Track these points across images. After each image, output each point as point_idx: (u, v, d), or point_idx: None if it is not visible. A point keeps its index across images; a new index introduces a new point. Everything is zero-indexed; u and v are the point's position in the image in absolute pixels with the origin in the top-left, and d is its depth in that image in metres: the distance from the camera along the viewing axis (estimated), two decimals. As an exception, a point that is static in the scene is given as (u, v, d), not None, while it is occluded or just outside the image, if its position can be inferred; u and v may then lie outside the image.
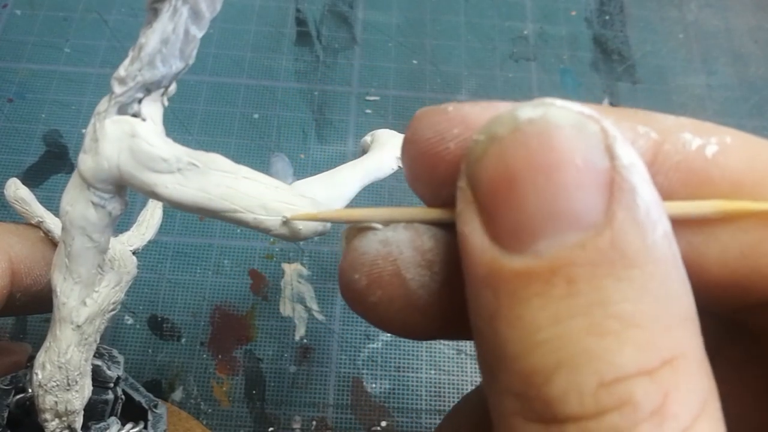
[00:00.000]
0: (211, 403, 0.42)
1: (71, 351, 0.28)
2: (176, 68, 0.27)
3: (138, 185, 0.25)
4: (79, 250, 0.27)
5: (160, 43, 0.26)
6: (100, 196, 0.26)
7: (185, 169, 0.25)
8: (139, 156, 0.25)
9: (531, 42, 0.60)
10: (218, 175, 0.26)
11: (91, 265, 0.27)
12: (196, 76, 0.56)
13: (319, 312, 0.46)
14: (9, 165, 0.50)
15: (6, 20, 0.58)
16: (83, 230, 0.27)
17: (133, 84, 0.26)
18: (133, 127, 0.26)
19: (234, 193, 0.26)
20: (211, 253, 0.47)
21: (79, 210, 0.27)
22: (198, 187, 0.26)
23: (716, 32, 0.63)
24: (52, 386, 0.28)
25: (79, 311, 0.28)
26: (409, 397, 0.43)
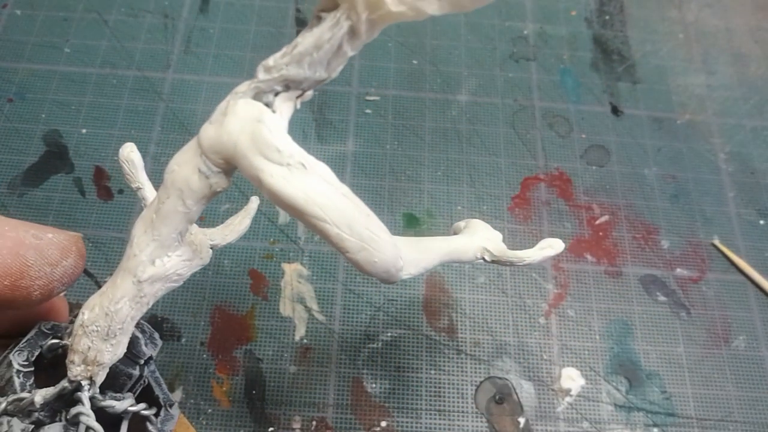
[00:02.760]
0: (211, 403, 0.42)
1: (123, 302, 0.28)
2: (319, 76, 0.28)
3: (247, 167, 0.27)
4: (170, 210, 0.28)
5: (313, 47, 0.27)
6: (208, 167, 0.28)
7: (294, 166, 0.27)
8: (258, 140, 0.27)
9: (531, 42, 0.60)
10: (321, 182, 0.27)
11: (174, 229, 0.28)
12: (196, 76, 0.56)
13: (319, 312, 0.46)
14: (9, 165, 0.50)
15: (6, 20, 0.58)
16: (181, 193, 0.28)
17: (276, 75, 0.27)
18: (261, 113, 0.27)
19: (328, 204, 0.27)
20: (211, 253, 0.47)
21: (185, 173, 0.28)
22: (299, 186, 0.27)
23: (716, 32, 0.63)
24: (92, 330, 0.28)
25: (146, 268, 0.28)
26: (409, 397, 0.43)
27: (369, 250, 0.29)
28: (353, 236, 0.28)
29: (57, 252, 0.28)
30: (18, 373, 0.28)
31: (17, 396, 0.27)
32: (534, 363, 0.45)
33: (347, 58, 0.27)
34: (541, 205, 0.52)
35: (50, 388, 0.28)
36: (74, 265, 0.29)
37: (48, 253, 0.28)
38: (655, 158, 0.55)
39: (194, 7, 0.60)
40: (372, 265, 0.29)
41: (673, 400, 0.45)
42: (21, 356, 0.29)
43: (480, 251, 0.36)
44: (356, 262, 0.28)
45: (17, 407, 0.27)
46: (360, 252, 0.28)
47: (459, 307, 0.47)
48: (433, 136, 0.54)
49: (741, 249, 0.51)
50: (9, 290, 0.27)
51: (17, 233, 0.27)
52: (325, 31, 0.27)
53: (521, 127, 0.55)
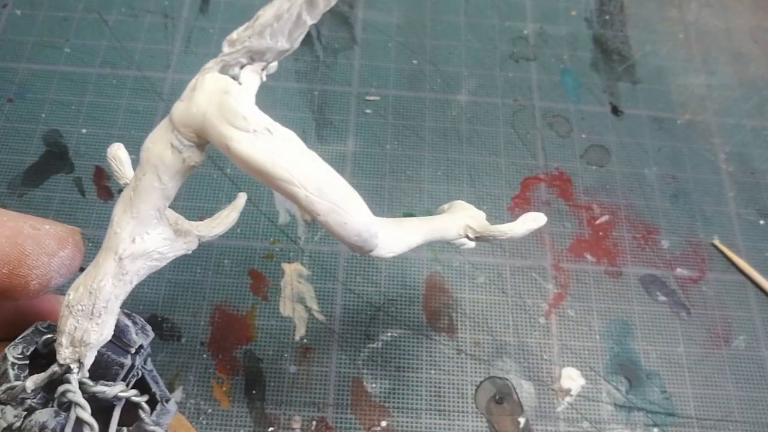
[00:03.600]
0: (211, 403, 0.42)
1: (106, 280, 0.29)
2: (281, 46, 0.29)
3: (216, 137, 0.27)
4: (146, 187, 0.28)
5: (273, 18, 0.28)
6: (180, 141, 0.28)
7: (260, 132, 0.27)
8: (225, 110, 0.27)
9: (531, 42, 0.60)
10: (287, 147, 0.28)
11: (152, 205, 0.29)
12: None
13: (319, 312, 0.46)
14: (9, 165, 0.50)
15: (6, 20, 0.58)
16: (156, 169, 0.28)
17: (240, 48, 0.28)
18: (227, 84, 0.28)
19: (296, 167, 0.28)
20: (211, 253, 0.47)
21: (159, 149, 0.28)
22: (266, 150, 0.27)
23: (716, 32, 0.63)
24: (78, 310, 0.29)
25: (126, 245, 0.29)
26: (409, 397, 0.43)
27: (339, 211, 0.29)
28: (322, 198, 0.28)
29: (54, 242, 0.29)
30: (13, 365, 0.28)
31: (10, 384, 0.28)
32: (534, 363, 0.45)
33: (307, 27, 0.28)
34: (541, 205, 0.52)
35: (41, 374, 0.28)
36: (71, 256, 0.29)
37: (45, 243, 0.28)
38: (655, 158, 0.55)
39: (194, 7, 0.60)
40: (342, 227, 0.29)
41: (673, 400, 0.45)
42: (16, 350, 0.29)
43: (463, 228, 0.37)
44: (327, 224, 0.29)
45: (10, 395, 0.28)
46: (330, 214, 0.28)
47: (459, 307, 0.47)
48: (433, 136, 0.54)
49: (741, 249, 0.51)
50: (7, 278, 0.27)
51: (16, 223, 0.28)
52: (284, 1, 0.28)
53: (521, 127, 0.55)
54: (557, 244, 0.50)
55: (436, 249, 0.49)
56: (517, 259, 0.49)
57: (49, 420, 0.27)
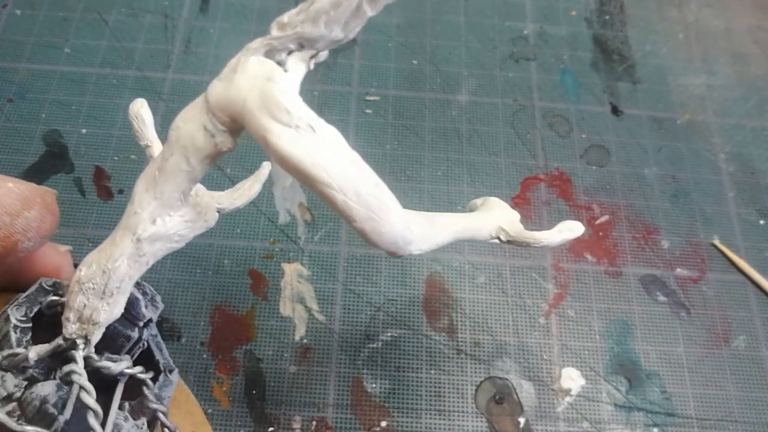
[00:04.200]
0: (211, 403, 0.42)
1: (121, 261, 0.28)
2: (335, 35, 0.26)
3: (254, 126, 0.25)
4: (173, 168, 0.27)
5: (330, 5, 0.25)
6: (214, 124, 0.26)
7: (302, 128, 0.25)
8: (267, 99, 0.25)
9: (531, 42, 0.60)
10: (329, 147, 0.26)
11: (176, 187, 0.27)
12: (196, 76, 0.56)
13: (319, 312, 0.46)
14: (9, 165, 0.50)
15: (6, 20, 0.58)
16: (185, 150, 0.27)
17: (291, 32, 0.26)
18: (272, 71, 0.26)
19: (336, 170, 0.26)
20: (211, 253, 0.47)
21: (190, 130, 0.27)
22: (307, 149, 0.25)
23: (716, 32, 0.63)
24: (89, 288, 0.28)
25: (146, 226, 0.27)
26: (409, 397, 0.43)
27: (377, 219, 0.27)
28: (360, 204, 0.26)
29: (18, 202, 0.27)
30: (15, 328, 0.27)
31: (12, 351, 0.27)
32: (534, 363, 0.45)
33: (366, 19, 0.26)
34: (541, 205, 0.52)
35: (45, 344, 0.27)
36: (39, 218, 0.28)
37: (6, 203, 0.27)
38: (655, 158, 0.55)
39: (194, 7, 0.60)
40: (379, 235, 0.27)
41: (673, 400, 0.45)
42: (19, 311, 0.28)
43: (496, 230, 0.35)
44: (363, 231, 0.27)
45: (11, 362, 0.27)
46: (367, 221, 0.27)
47: (459, 307, 0.47)
48: (433, 136, 0.54)
49: (741, 249, 0.51)
50: None
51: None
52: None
53: (521, 127, 0.55)
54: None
55: (436, 249, 0.49)
56: (517, 259, 0.49)
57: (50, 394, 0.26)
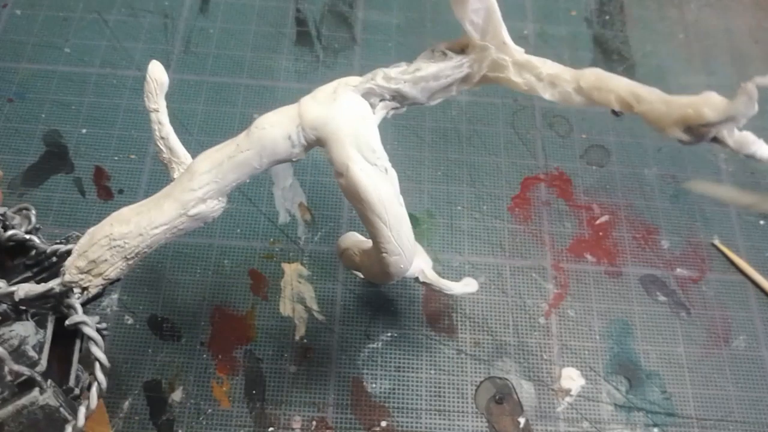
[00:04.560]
0: (211, 403, 0.42)
1: (162, 229, 0.29)
2: (419, 99, 0.32)
3: (338, 152, 0.29)
4: (244, 161, 0.29)
5: (432, 77, 0.31)
6: (299, 137, 0.30)
7: (379, 167, 0.30)
8: (361, 135, 0.30)
9: (531, 42, 0.60)
10: (392, 188, 0.31)
11: (238, 178, 0.30)
12: (196, 76, 0.56)
13: (319, 312, 0.46)
14: (9, 165, 0.50)
15: (6, 20, 0.58)
16: (263, 150, 0.29)
17: (393, 86, 0.31)
18: (367, 112, 0.31)
19: (391, 209, 0.30)
20: (211, 253, 0.47)
21: (275, 134, 0.30)
22: (378, 186, 0.30)
23: (716, 32, 0.63)
24: (118, 245, 0.28)
25: (197, 204, 0.29)
26: (409, 397, 0.43)
27: (402, 257, 0.31)
28: (397, 242, 0.31)
29: None
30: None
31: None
32: (534, 363, 0.45)
33: (449, 96, 0.32)
34: (541, 205, 0.52)
35: (36, 285, 0.27)
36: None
37: None
38: (655, 158, 0.55)
39: (194, 7, 0.60)
40: (398, 270, 0.32)
41: (673, 400, 0.45)
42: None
43: (419, 272, 0.39)
44: (388, 263, 0.31)
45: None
46: (395, 256, 0.31)
47: (459, 307, 0.47)
48: (433, 136, 0.54)
49: (741, 249, 0.51)
50: None
51: None
52: (447, 68, 0.31)
53: (521, 127, 0.55)
54: (557, 244, 0.50)
55: (436, 249, 0.49)
56: (517, 259, 0.49)
57: (30, 336, 0.26)
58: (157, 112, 0.35)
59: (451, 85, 0.31)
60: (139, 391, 0.42)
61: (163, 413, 0.42)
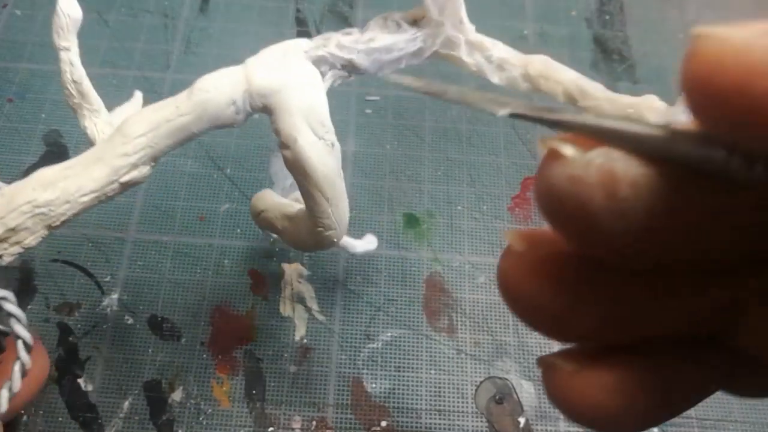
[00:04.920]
0: (211, 403, 0.42)
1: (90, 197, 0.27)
2: (369, 70, 0.30)
3: (287, 123, 0.28)
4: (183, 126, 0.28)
5: (384, 48, 0.30)
6: (245, 104, 0.28)
7: (327, 142, 0.28)
8: (312, 108, 0.28)
9: (531, 42, 0.60)
10: (336, 163, 0.29)
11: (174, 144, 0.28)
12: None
13: (319, 312, 0.46)
14: (9, 165, 0.50)
15: (6, 20, 0.58)
16: (204, 114, 0.28)
17: (345, 55, 0.29)
18: (317, 80, 0.29)
19: (334, 184, 0.29)
20: (211, 253, 0.47)
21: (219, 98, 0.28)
22: (323, 160, 0.28)
23: (716, 32, 0.63)
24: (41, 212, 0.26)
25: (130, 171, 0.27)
26: (409, 397, 0.43)
27: (338, 231, 0.31)
28: (336, 217, 0.30)
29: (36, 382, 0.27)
30: None
31: None
32: (534, 363, 0.45)
33: (396, 68, 0.30)
34: (541, 205, 0.52)
35: None
36: None
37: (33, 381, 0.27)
38: (655, 158, 0.55)
39: (194, 7, 0.60)
40: (330, 243, 0.31)
41: (673, 400, 0.45)
42: None
43: None
44: (323, 237, 0.30)
45: None
46: (331, 230, 0.30)
47: (459, 307, 0.47)
48: (433, 136, 0.54)
49: (741, 249, 0.51)
50: None
51: None
52: (401, 40, 0.29)
53: (521, 127, 0.55)
54: (557, 244, 0.50)
55: (436, 249, 0.49)
56: (517, 259, 0.49)
57: None
58: (68, 51, 0.32)
59: (401, 59, 0.30)
60: (139, 391, 0.42)
61: (163, 413, 0.42)
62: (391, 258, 0.48)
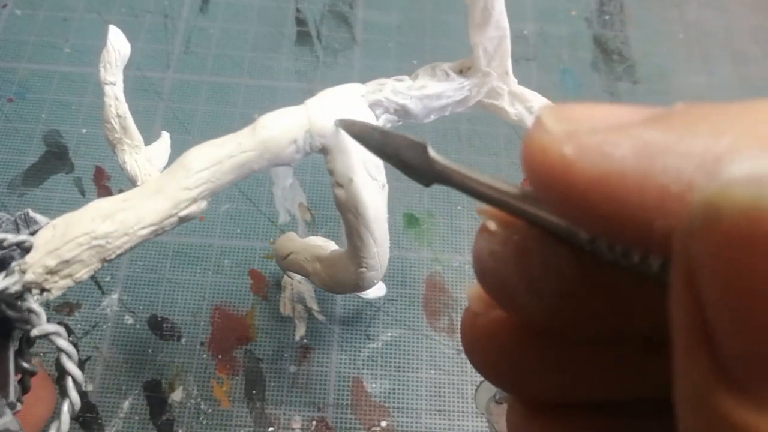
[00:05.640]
0: (211, 403, 0.42)
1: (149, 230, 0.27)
2: (419, 116, 0.32)
3: (343, 163, 0.29)
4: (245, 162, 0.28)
5: (434, 96, 0.31)
6: (305, 143, 0.29)
7: (379, 183, 0.30)
8: None
9: (531, 42, 0.60)
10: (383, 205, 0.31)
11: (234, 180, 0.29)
12: (196, 76, 0.56)
13: (319, 312, 0.46)
14: (9, 165, 0.50)
15: (6, 20, 0.58)
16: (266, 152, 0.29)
17: (399, 100, 0.31)
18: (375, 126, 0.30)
19: (381, 226, 0.31)
20: (211, 253, 0.47)
21: (282, 136, 0.29)
22: (374, 202, 0.30)
23: (716, 32, 0.63)
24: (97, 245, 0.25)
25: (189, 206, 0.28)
26: (409, 397, 0.43)
27: (377, 273, 0.32)
28: (379, 257, 0.31)
29: None
30: None
31: None
32: (534, 363, 0.45)
33: (441, 115, 0.32)
34: (541, 205, 0.52)
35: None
36: None
37: None
38: (655, 158, 0.55)
39: (194, 7, 0.60)
40: (370, 284, 0.33)
41: (673, 400, 0.45)
42: None
43: None
44: (363, 277, 0.32)
45: None
46: (371, 271, 0.31)
47: (459, 307, 0.47)
48: (433, 136, 0.54)
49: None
50: None
51: None
52: (450, 89, 0.31)
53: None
54: (557, 244, 0.50)
55: (436, 249, 0.49)
56: (517, 259, 0.49)
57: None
58: (114, 86, 0.32)
59: (447, 106, 0.31)
60: (139, 391, 0.42)
61: (163, 413, 0.42)
62: (391, 258, 0.47)
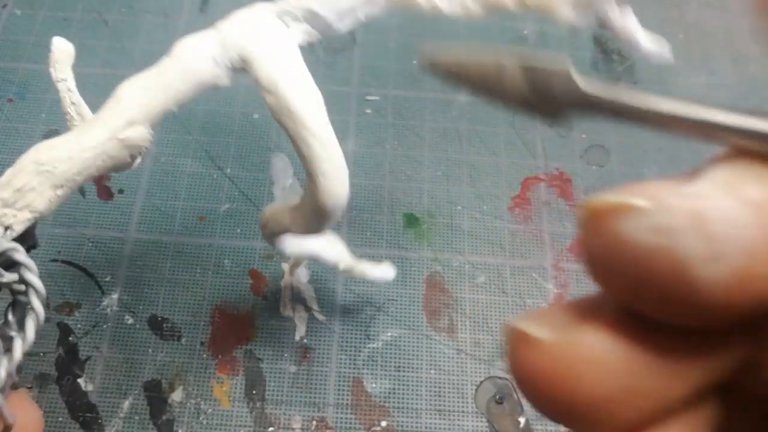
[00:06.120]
0: (211, 403, 0.42)
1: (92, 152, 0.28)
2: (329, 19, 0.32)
3: (265, 68, 0.29)
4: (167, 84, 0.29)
5: None
6: (224, 58, 0.30)
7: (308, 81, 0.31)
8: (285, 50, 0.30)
9: (531, 42, 0.60)
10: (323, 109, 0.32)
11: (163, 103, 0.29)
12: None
13: (319, 312, 0.46)
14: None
15: (6, 20, 0.58)
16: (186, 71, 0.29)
17: (302, 4, 0.31)
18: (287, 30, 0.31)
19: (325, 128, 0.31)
20: (211, 253, 0.47)
21: (198, 54, 0.30)
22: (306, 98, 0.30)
23: (716, 32, 0.63)
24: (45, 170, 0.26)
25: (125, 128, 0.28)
26: (409, 396, 0.43)
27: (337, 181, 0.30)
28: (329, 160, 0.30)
29: None
30: None
31: None
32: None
33: (357, 22, 0.32)
34: (541, 205, 0.52)
35: None
36: None
37: None
38: (655, 158, 0.55)
39: (194, 7, 0.60)
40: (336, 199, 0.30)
41: (673, 400, 0.45)
42: None
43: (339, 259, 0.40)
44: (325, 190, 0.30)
45: None
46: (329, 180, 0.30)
47: (459, 307, 0.47)
48: (433, 136, 0.54)
49: (741, 249, 0.51)
50: None
51: None
52: None
53: (521, 127, 0.55)
54: (557, 244, 0.50)
55: (436, 249, 0.49)
56: (517, 259, 0.49)
57: None
58: (65, 81, 0.34)
59: (357, 7, 0.32)
60: (139, 391, 0.42)
61: (163, 413, 0.42)
62: (391, 258, 0.48)
